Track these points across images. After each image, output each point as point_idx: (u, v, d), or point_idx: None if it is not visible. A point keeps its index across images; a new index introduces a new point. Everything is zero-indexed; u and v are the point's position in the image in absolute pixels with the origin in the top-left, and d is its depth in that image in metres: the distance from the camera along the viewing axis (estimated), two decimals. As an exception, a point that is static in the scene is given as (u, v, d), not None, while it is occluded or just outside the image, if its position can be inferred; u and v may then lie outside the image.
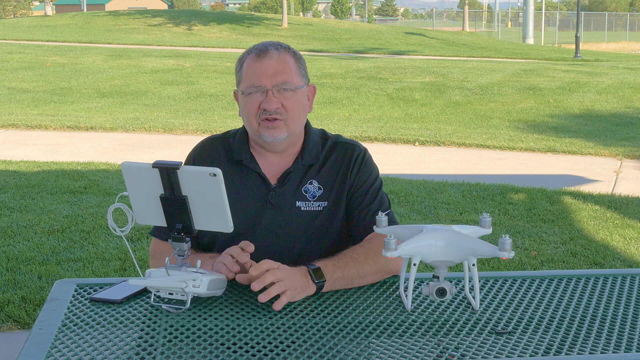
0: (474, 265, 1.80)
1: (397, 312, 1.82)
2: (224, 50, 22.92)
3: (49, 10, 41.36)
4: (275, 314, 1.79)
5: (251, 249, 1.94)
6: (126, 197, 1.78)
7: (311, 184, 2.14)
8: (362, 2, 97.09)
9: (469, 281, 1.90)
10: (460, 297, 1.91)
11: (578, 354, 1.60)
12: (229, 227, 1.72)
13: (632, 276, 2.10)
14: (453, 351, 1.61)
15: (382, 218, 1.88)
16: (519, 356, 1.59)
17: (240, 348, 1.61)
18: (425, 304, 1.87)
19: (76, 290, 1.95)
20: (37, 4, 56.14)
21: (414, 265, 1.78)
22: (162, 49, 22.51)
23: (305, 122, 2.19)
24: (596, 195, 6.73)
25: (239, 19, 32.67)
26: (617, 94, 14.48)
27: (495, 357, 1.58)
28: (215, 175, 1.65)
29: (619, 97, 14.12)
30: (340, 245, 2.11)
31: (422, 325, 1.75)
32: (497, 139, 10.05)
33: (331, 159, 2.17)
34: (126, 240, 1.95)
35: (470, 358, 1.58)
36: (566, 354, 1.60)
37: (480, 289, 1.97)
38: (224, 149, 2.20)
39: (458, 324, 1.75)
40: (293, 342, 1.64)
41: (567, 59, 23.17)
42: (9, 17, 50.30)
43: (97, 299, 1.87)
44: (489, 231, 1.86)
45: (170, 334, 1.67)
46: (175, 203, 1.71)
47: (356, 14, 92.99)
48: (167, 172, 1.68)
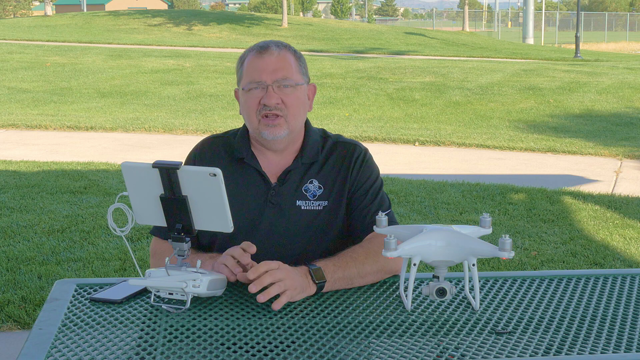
0: (474, 265, 1.80)
1: (397, 312, 1.82)
2: (224, 50, 22.92)
3: (49, 10, 41.36)
4: (275, 314, 1.79)
5: (253, 250, 1.94)
6: (126, 197, 1.78)
7: (311, 183, 2.14)
8: (362, 2, 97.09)
9: (469, 281, 1.90)
10: (460, 297, 1.91)
11: (578, 354, 1.60)
12: (229, 227, 1.72)
13: (632, 276, 2.10)
14: (453, 351, 1.61)
15: (382, 218, 1.88)
16: (519, 356, 1.59)
17: (240, 348, 1.61)
18: (425, 304, 1.87)
19: (76, 290, 1.94)
20: (37, 4, 56.15)
21: (414, 265, 1.78)
22: (162, 49, 22.51)
23: (305, 121, 2.19)
24: (596, 195, 6.73)
25: (239, 19, 32.67)
26: (617, 94, 14.48)
27: (495, 357, 1.58)
28: (215, 175, 1.65)
29: (619, 97, 14.12)
30: (340, 245, 2.11)
31: (422, 325, 1.75)
32: (497, 139, 10.05)
33: (332, 159, 2.17)
34: (126, 240, 1.95)
35: (470, 358, 1.58)
36: (566, 354, 1.60)
37: (480, 289, 1.97)
38: (224, 148, 2.20)
39: (458, 324, 1.75)
40: (293, 342, 1.64)
41: (567, 59, 23.17)
42: (9, 17, 50.31)
43: (97, 299, 1.87)
44: (489, 231, 1.86)
45: (170, 334, 1.67)
46: (175, 203, 1.71)
47: (356, 14, 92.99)
48: (167, 172, 1.68)
